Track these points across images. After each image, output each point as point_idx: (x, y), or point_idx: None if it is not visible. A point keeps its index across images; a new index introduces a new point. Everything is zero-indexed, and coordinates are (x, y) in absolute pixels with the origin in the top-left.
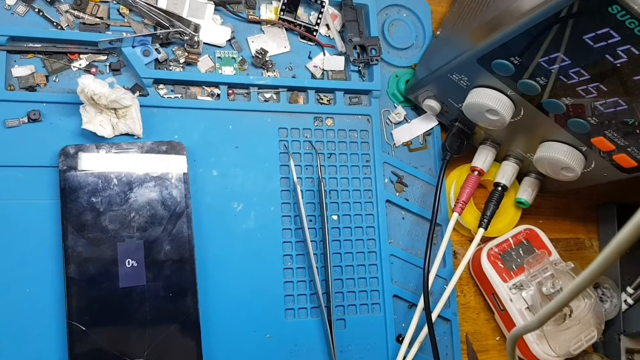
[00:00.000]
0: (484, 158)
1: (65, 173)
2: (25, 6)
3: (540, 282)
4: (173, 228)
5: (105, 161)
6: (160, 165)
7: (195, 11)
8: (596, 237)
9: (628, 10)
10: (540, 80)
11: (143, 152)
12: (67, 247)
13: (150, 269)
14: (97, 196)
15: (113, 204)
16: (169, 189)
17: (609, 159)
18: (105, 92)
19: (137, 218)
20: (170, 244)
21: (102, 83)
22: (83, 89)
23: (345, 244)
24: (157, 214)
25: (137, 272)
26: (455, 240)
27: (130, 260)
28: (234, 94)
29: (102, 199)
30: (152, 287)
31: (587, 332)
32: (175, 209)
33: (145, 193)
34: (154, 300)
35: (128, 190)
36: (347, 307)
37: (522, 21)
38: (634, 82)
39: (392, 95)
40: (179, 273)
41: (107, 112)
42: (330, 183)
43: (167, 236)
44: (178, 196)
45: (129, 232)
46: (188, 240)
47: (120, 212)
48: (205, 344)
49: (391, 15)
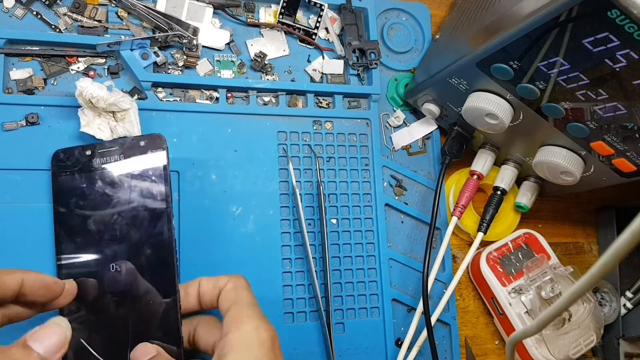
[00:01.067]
0: (483, 162)
1: (56, 177)
2: (23, 9)
3: (540, 287)
4: (154, 227)
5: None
6: (141, 162)
7: (194, 14)
8: (595, 242)
9: (627, 15)
10: (539, 85)
11: (124, 148)
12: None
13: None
14: (84, 198)
15: (98, 206)
16: (150, 187)
17: (608, 164)
18: (103, 95)
19: (119, 220)
20: (150, 246)
21: (100, 86)
22: (81, 92)
23: (344, 247)
24: (139, 215)
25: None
26: (455, 244)
27: (114, 265)
28: (233, 97)
29: (88, 201)
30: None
31: (586, 337)
32: (155, 209)
33: (127, 193)
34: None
35: (111, 190)
36: (346, 311)
37: (521, 25)
38: (633, 86)
39: (391, 99)
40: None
41: (106, 115)
42: (329, 187)
43: (148, 238)
44: (158, 195)
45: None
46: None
47: (105, 214)
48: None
49: (390, 19)
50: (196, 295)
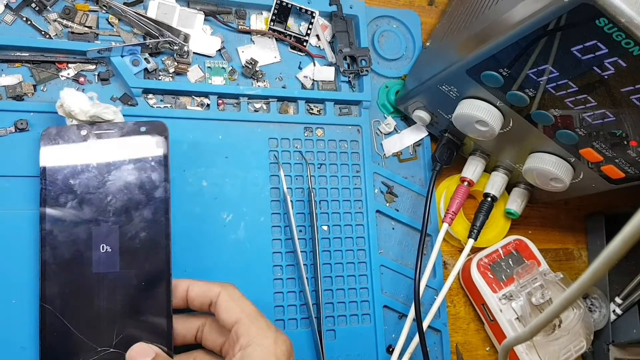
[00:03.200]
0: (474, 169)
1: (45, 154)
2: (13, 15)
3: (530, 293)
4: (149, 213)
5: (86, 142)
6: (140, 148)
7: (185, 21)
8: (585, 248)
9: (615, 23)
10: (529, 92)
11: (123, 132)
12: (43, 229)
13: (124, 256)
14: (75, 178)
15: (90, 187)
16: (148, 172)
17: (597, 170)
18: (83, 108)
19: (113, 202)
20: (145, 230)
21: (81, 98)
22: (62, 104)
23: (335, 254)
24: (134, 198)
25: (111, 258)
26: (445, 251)
27: (104, 245)
28: (224, 104)
29: (80, 181)
30: (125, 275)
31: (576, 343)
32: (153, 194)
33: (122, 176)
34: (126, 288)
35: (106, 172)
36: (337, 317)
37: (511, 33)
38: (621, 94)
39: (382, 105)
40: (153, 261)
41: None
42: (320, 193)
43: (143, 222)
44: (157, 180)
45: (105, 216)
46: (165, 227)
47: (97, 195)
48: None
49: (381, 26)
50: (183, 297)
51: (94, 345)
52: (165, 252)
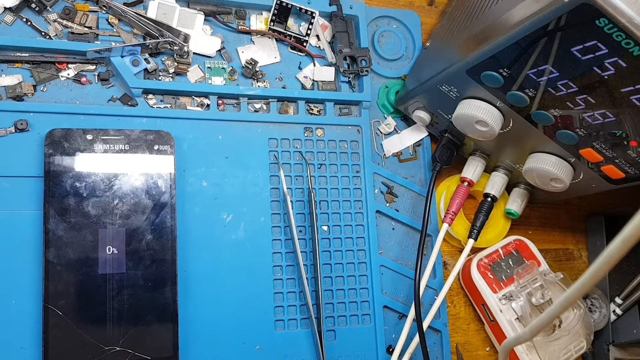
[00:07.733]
0: (474, 169)
1: (50, 156)
2: (13, 15)
3: (530, 293)
4: (156, 217)
5: (92, 146)
6: (147, 155)
7: (185, 21)
8: (585, 248)
9: (615, 24)
10: (529, 92)
11: (130, 140)
12: (48, 230)
13: (131, 257)
14: (81, 181)
15: (97, 190)
16: (155, 178)
17: (597, 171)
18: None
19: (120, 205)
20: (152, 233)
21: None
22: None
23: (335, 254)
24: (141, 202)
25: (117, 259)
26: (445, 251)
27: (111, 247)
28: (224, 104)
29: (86, 184)
30: (132, 276)
31: (577, 343)
32: (159, 199)
33: (130, 181)
34: (133, 288)
35: (113, 177)
36: (337, 318)
37: (511, 33)
38: (621, 94)
39: (382, 106)
40: (160, 263)
41: None
42: (320, 194)
43: (150, 225)
44: (163, 186)
45: (112, 218)
46: (171, 231)
47: (104, 198)
48: (195, 355)
49: (381, 26)
50: None
51: (100, 345)
52: (171, 254)
